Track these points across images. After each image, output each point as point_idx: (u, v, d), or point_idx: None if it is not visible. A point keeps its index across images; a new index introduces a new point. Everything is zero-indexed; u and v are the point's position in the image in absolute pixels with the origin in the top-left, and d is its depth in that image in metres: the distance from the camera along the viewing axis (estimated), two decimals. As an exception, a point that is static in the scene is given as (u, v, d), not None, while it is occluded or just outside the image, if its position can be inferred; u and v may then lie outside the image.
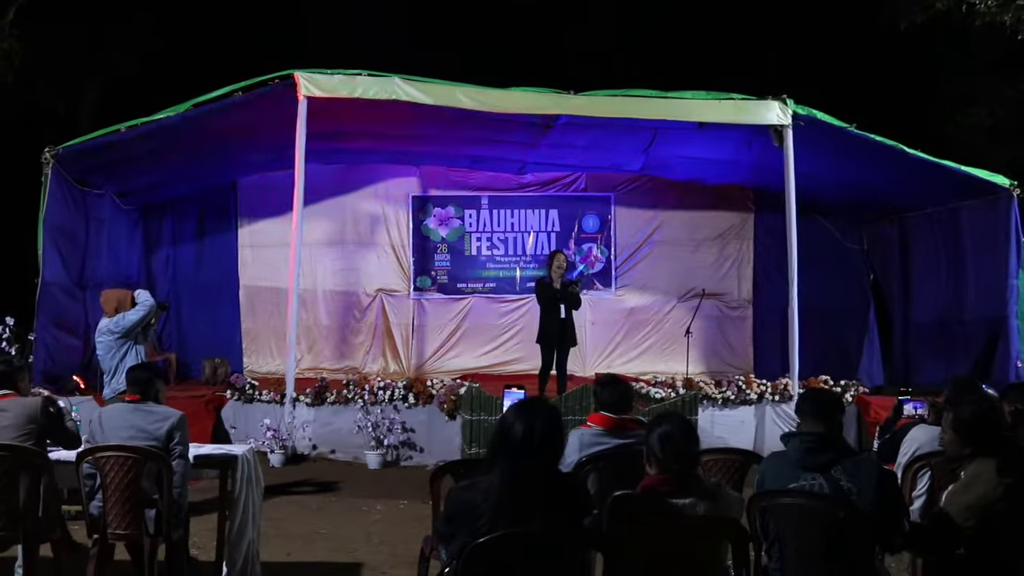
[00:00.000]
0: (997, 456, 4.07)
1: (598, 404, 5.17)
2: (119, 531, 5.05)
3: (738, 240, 13.81)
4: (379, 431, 9.88)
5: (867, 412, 10.63)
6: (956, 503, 4.10)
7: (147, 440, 5.09)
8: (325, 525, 7.45)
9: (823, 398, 4.27)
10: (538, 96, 10.23)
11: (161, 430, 5.15)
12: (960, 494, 4.12)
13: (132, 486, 4.98)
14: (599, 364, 12.94)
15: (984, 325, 11.05)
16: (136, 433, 5.11)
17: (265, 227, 13.08)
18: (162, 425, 5.16)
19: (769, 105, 10.37)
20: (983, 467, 4.08)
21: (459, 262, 13.54)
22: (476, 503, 3.37)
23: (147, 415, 5.21)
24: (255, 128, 10.85)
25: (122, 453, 4.97)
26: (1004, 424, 4.31)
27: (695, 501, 3.60)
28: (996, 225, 10.85)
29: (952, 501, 4.14)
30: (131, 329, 7.93)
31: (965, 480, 4.16)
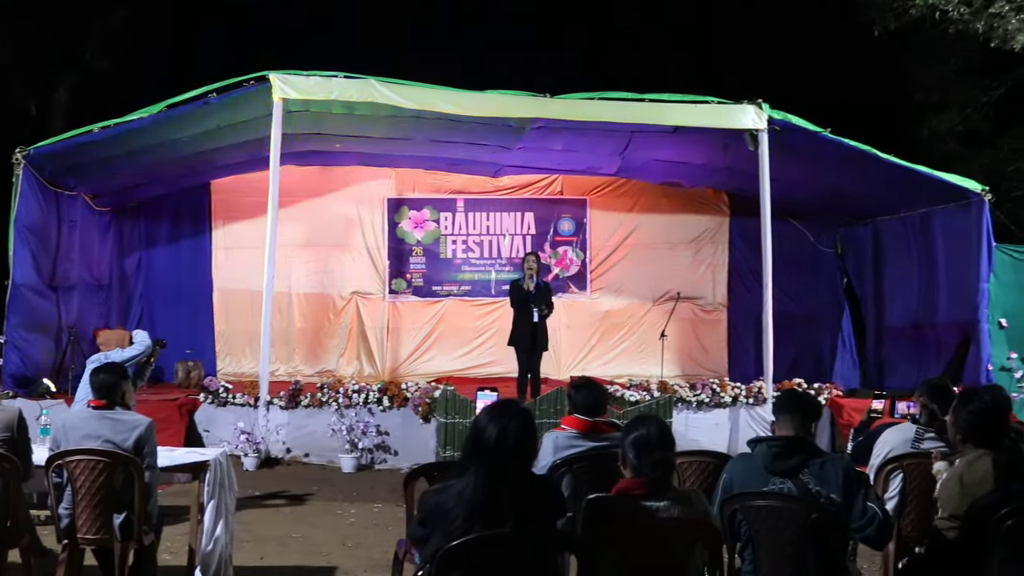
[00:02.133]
0: (993, 450, 4.16)
1: (572, 407, 5.17)
2: (88, 536, 4.99)
3: (713, 243, 13.85)
4: (353, 434, 9.85)
5: (840, 415, 10.69)
6: (950, 491, 4.19)
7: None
8: (299, 529, 7.40)
9: (802, 400, 4.28)
10: (514, 99, 10.23)
11: (129, 441, 5.00)
12: (954, 482, 4.22)
13: (102, 491, 4.91)
14: (574, 367, 12.95)
15: (956, 329, 11.13)
16: (102, 444, 4.96)
17: (239, 229, 13.00)
18: (129, 436, 5.01)
19: (744, 109, 10.42)
20: (977, 458, 4.18)
21: (434, 265, 13.52)
22: (449, 506, 3.35)
23: (114, 424, 5.05)
24: (229, 129, 10.78)
25: (92, 457, 4.91)
26: (1007, 422, 4.38)
27: (669, 504, 3.59)
28: (968, 230, 10.93)
29: (946, 489, 4.23)
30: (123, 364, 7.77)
31: (957, 469, 4.22)
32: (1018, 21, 11.86)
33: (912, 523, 5.26)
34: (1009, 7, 11.91)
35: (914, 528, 5.26)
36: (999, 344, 10.60)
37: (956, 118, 15.78)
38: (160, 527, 5.40)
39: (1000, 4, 11.88)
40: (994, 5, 11.91)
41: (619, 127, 10.79)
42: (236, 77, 9.76)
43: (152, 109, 9.80)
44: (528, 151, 11.91)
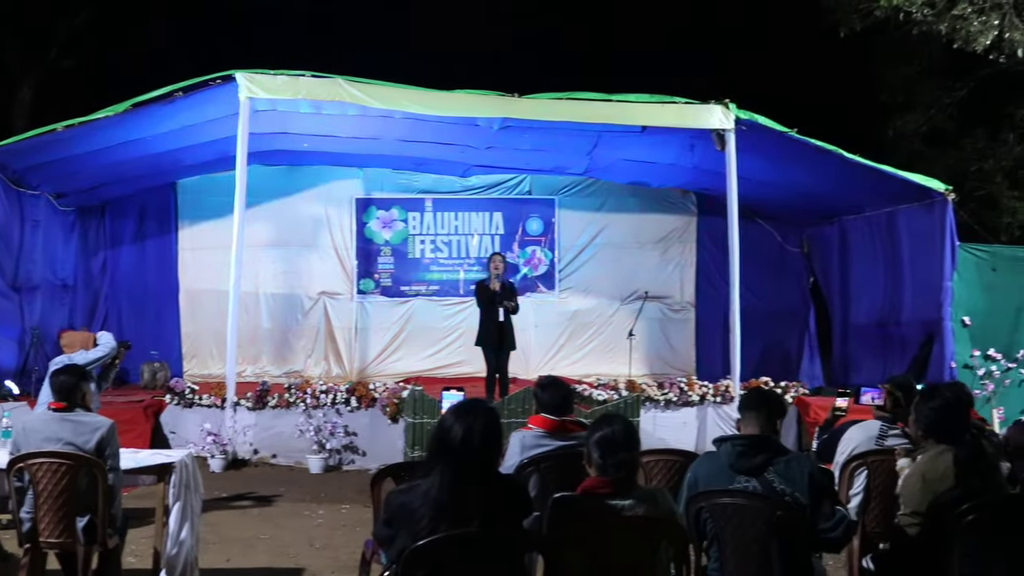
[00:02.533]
0: (954, 446, 4.21)
1: (539, 406, 5.18)
2: (51, 540, 4.93)
3: (681, 243, 13.91)
4: (321, 435, 9.82)
5: (807, 413, 10.75)
6: (912, 487, 4.25)
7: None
8: (266, 530, 7.37)
9: (767, 399, 4.31)
10: (482, 99, 10.22)
11: (90, 443, 4.94)
12: (916, 478, 4.28)
13: (64, 494, 4.86)
14: (543, 366, 12.94)
15: (920, 327, 11.23)
16: (63, 447, 4.89)
17: (206, 229, 12.90)
18: (91, 438, 4.95)
19: (711, 109, 10.46)
20: (939, 454, 4.23)
21: (402, 265, 13.49)
22: (415, 506, 3.34)
23: (75, 426, 4.99)
24: (196, 129, 10.71)
25: (54, 460, 4.85)
26: (968, 418, 4.43)
27: (634, 503, 3.61)
28: (932, 229, 11.01)
29: (908, 485, 4.28)
30: (85, 366, 7.68)
31: (919, 466, 4.27)
32: (980, 23, 11.99)
33: (876, 519, 5.32)
34: (971, 9, 12.03)
35: (878, 524, 5.31)
36: (962, 342, 10.69)
37: (921, 118, 15.93)
38: (125, 530, 5.36)
39: (963, 6, 12.01)
40: (957, 7, 12.04)
41: (587, 127, 10.82)
42: (202, 76, 9.70)
43: (117, 108, 9.69)
44: (496, 151, 11.91)
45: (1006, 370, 10.49)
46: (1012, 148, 15.16)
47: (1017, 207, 15.43)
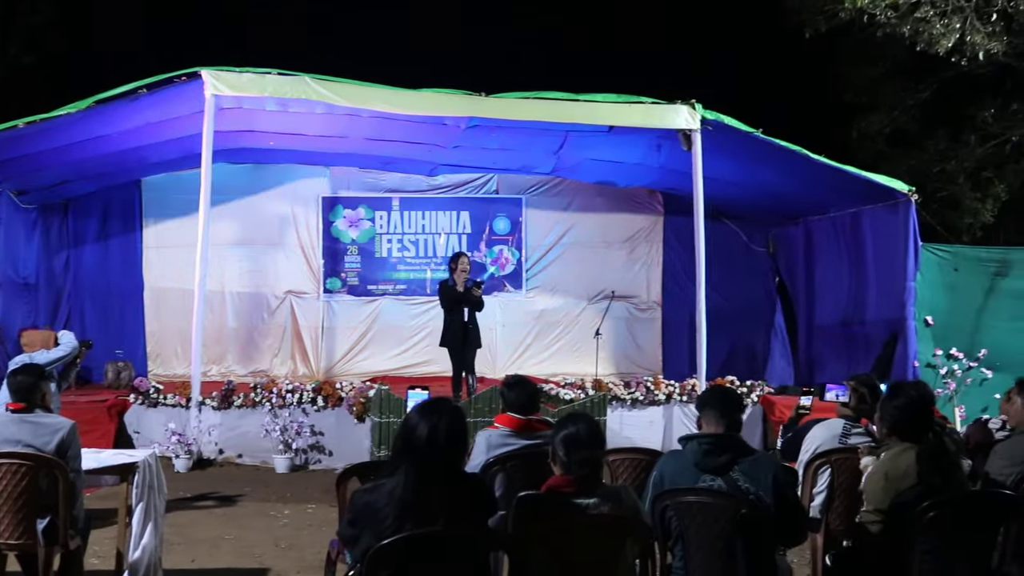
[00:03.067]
0: (918, 444, 4.26)
1: (505, 405, 5.19)
2: (11, 541, 4.87)
3: (647, 243, 13.95)
4: (287, 435, 9.77)
5: (772, 411, 10.84)
6: (875, 484, 4.31)
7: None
8: (231, 530, 7.32)
9: (726, 396, 4.32)
10: (449, 98, 10.21)
11: (51, 445, 4.86)
12: (879, 476, 4.32)
13: (24, 495, 4.79)
14: (509, 366, 12.93)
15: (884, 326, 11.34)
16: (23, 449, 4.81)
17: (171, 227, 12.78)
18: (51, 439, 4.87)
19: (678, 109, 10.50)
20: (902, 452, 4.28)
21: (369, 264, 13.44)
22: (380, 505, 3.34)
23: (35, 427, 4.90)
24: (161, 126, 10.62)
25: (13, 461, 4.79)
26: (931, 417, 4.48)
27: (599, 501, 3.62)
28: (896, 229, 11.13)
29: (871, 482, 4.35)
30: (46, 366, 7.59)
31: (882, 464, 4.31)
32: (942, 26, 12.13)
33: (840, 517, 5.37)
34: (933, 12, 12.17)
35: (842, 522, 5.36)
36: (925, 341, 10.81)
37: (884, 119, 16.08)
38: (87, 531, 5.31)
39: (925, 9, 12.14)
40: (919, 10, 12.17)
41: (554, 126, 10.83)
42: (167, 73, 9.62)
43: (80, 104, 9.56)
44: (463, 150, 11.89)
45: (967, 369, 10.61)
46: (974, 150, 15.35)
47: (978, 208, 15.63)
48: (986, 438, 5.74)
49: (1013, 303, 10.83)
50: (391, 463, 3.48)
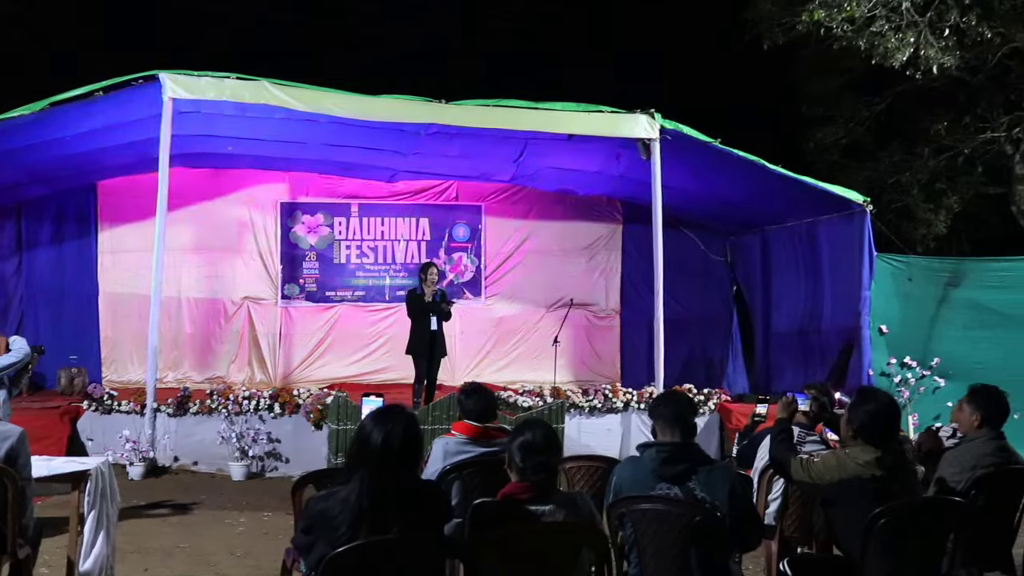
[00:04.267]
0: (881, 450, 4.30)
1: (463, 413, 5.19)
2: (-43, 550, 4.79)
3: (606, 251, 14.03)
4: (244, 442, 9.70)
5: (729, 419, 10.91)
6: (828, 465, 4.39)
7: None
8: (186, 539, 7.24)
9: (680, 402, 4.30)
10: (410, 104, 10.21)
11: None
12: (835, 456, 4.44)
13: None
14: (468, 373, 12.96)
15: (839, 334, 11.46)
16: None
17: (127, 232, 12.66)
18: (0, 447, 4.79)
19: (637, 118, 10.58)
20: (863, 451, 4.33)
21: (328, 270, 13.39)
22: (334, 513, 3.32)
23: None
24: (118, 129, 10.51)
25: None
26: (898, 426, 4.54)
27: (554, 508, 3.63)
28: (851, 239, 11.25)
29: (826, 461, 4.43)
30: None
31: (845, 456, 4.37)
32: (897, 40, 12.29)
33: (794, 524, 5.41)
34: (888, 26, 12.33)
35: (796, 529, 5.41)
36: (879, 350, 10.93)
37: (841, 131, 16.25)
38: (37, 540, 5.21)
39: (880, 23, 12.30)
40: (875, 24, 12.33)
41: (514, 134, 10.87)
42: (124, 76, 9.52)
43: (34, 106, 9.43)
44: (423, 156, 11.88)
45: (921, 377, 10.72)
46: (927, 162, 15.57)
47: (932, 219, 15.86)
48: (936, 445, 5.82)
49: (965, 312, 10.97)
50: (345, 470, 3.46)
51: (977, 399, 5.20)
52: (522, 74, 18.03)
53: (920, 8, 12.50)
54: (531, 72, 18.09)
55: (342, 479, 3.43)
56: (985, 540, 4.84)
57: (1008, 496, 5.05)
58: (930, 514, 4.37)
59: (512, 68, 18.73)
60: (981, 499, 4.79)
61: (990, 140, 14.97)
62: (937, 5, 12.57)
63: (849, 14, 12.17)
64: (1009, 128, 14.70)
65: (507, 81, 14.55)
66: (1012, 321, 10.75)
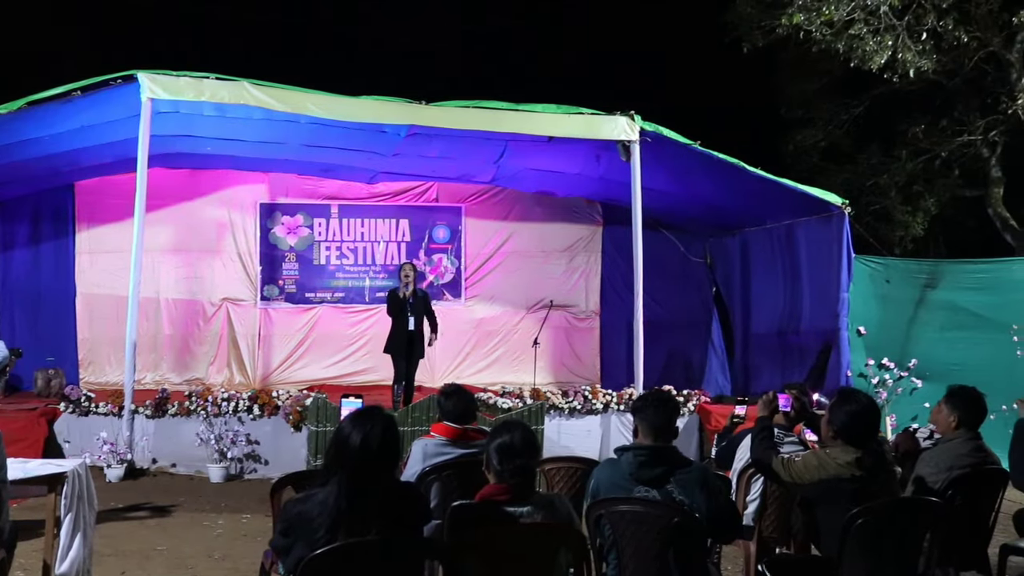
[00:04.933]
0: (862, 451, 4.34)
1: (442, 414, 5.19)
2: (-68, 553, 4.75)
3: (586, 252, 14.05)
4: (222, 443, 9.65)
5: (709, 421, 10.93)
6: (809, 465, 4.43)
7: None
8: (164, 541, 7.20)
9: (660, 404, 4.24)
10: (389, 105, 10.18)
11: None
12: (816, 456, 4.47)
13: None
14: (448, 374, 12.95)
15: (818, 336, 11.50)
16: None
17: (105, 232, 12.59)
18: None
19: (617, 120, 10.59)
20: (844, 452, 4.36)
21: (307, 271, 13.35)
22: (313, 515, 3.31)
23: None
24: (96, 129, 10.45)
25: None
26: (878, 427, 4.56)
27: (532, 510, 3.63)
28: (830, 241, 11.29)
29: (806, 461, 4.46)
30: None
31: (825, 456, 4.39)
32: (875, 43, 12.38)
33: (772, 524, 5.44)
34: (866, 30, 12.42)
35: (775, 529, 5.44)
36: (857, 351, 10.97)
37: (820, 133, 16.37)
38: (13, 543, 5.16)
39: (859, 27, 12.39)
40: (853, 27, 12.41)
41: (494, 136, 10.86)
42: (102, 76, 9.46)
43: (11, 106, 9.36)
44: (403, 158, 11.86)
45: (898, 378, 10.78)
46: (905, 164, 15.68)
47: (909, 221, 15.98)
48: (913, 446, 5.86)
49: (942, 314, 11.03)
50: (324, 472, 3.46)
51: (955, 400, 5.24)
52: (504, 74, 18.08)
53: (898, 12, 12.60)
54: (513, 73, 18.13)
55: (320, 480, 3.42)
56: (961, 540, 4.88)
57: (984, 496, 5.09)
58: (907, 514, 4.40)
59: (494, 68, 18.78)
60: (958, 499, 4.83)
61: (967, 143, 15.09)
62: (915, 9, 12.68)
63: (828, 17, 12.25)
64: (985, 131, 14.82)
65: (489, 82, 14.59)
66: (988, 323, 10.81)
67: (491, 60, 19.25)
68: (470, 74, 18.25)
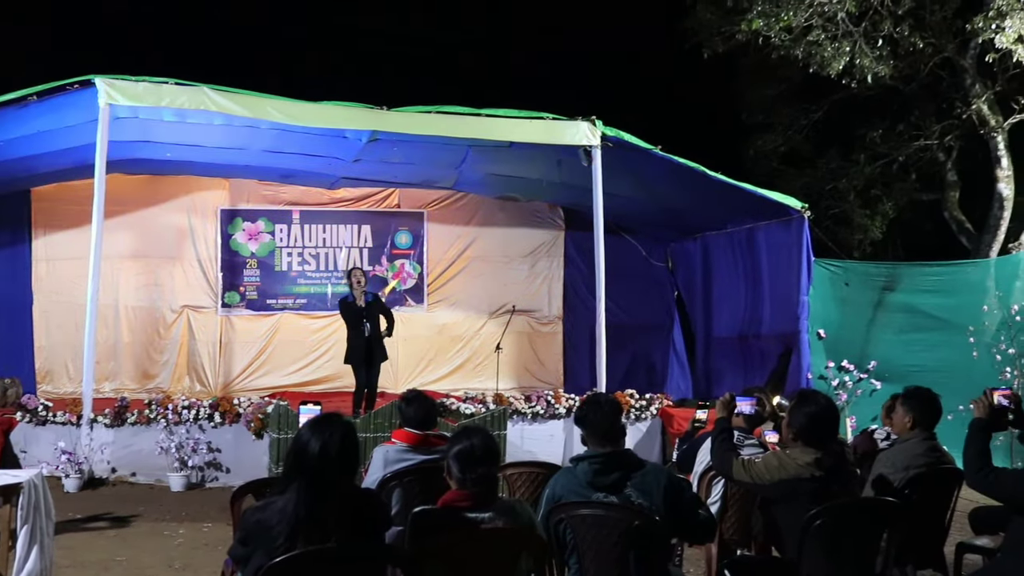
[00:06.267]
0: (822, 451, 4.38)
1: (403, 420, 5.18)
2: None
3: (549, 257, 14.08)
4: (183, 452, 9.56)
5: (671, 424, 10.98)
6: (769, 466, 4.46)
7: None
8: (123, 552, 7.13)
9: (601, 408, 4.22)
10: (351, 111, 10.16)
11: None
12: (776, 456, 4.51)
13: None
14: (411, 380, 12.92)
15: (778, 339, 11.60)
16: None
17: (62, 239, 12.42)
18: None
19: (578, 125, 10.63)
20: (803, 452, 4.41)
21: (269, 278, 13.26)
22: (272, 523, 3.29)
23: None
24: (52, 135, 10.33)
25: None
26: (837, 428, 4.61)
27: (494, 515, 3.63)
28: (790, 245, 11.40)
29: (767, 462, 4.49)
30: None
31: (786, 456, 4.43)
32: (833, 49, 12.51)
33: (733, 527, 5.47)
34: (824, 36, 12.55)
35: (736, 532, 5.47)
36: (817, 354, 11.07)
37: (780, 138, 16.48)
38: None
39: (817, 33, 12.51)
40: (811, 34, 12.53)
41: (456, 141, 10.86)
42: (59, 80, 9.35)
43: (-36, 110, 9.27)
44: (365, 163, 11.83)
45: (858, 380, 10.88)
46: (863, 168, 15.83)
47: (868, 225, 16.16)
48: (871, 447, 5.94)
49: (901, 316, 11.17)
50: (283, 480, 3.44)
51: (911, 401, 5.31)
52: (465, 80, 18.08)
53: (855, 19, 12.74)
54: (472, 77, 18.14)
55: (279, 488, 3.40)
56: (918, 539, 4.94)
57: (939, 496, 5.17)
58: (865, 514, 4.45)
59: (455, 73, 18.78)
60: (915, 499, 4.89)
61: (923, 147, 15.27)
62: (871, 16, 12.82)
63: (787, 23, 12.36)
64: (941, 136, 15.02)
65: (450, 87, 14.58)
66: (945, 325, 10.96)
67: (452, 65, 19.25)
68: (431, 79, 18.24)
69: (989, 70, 13.14)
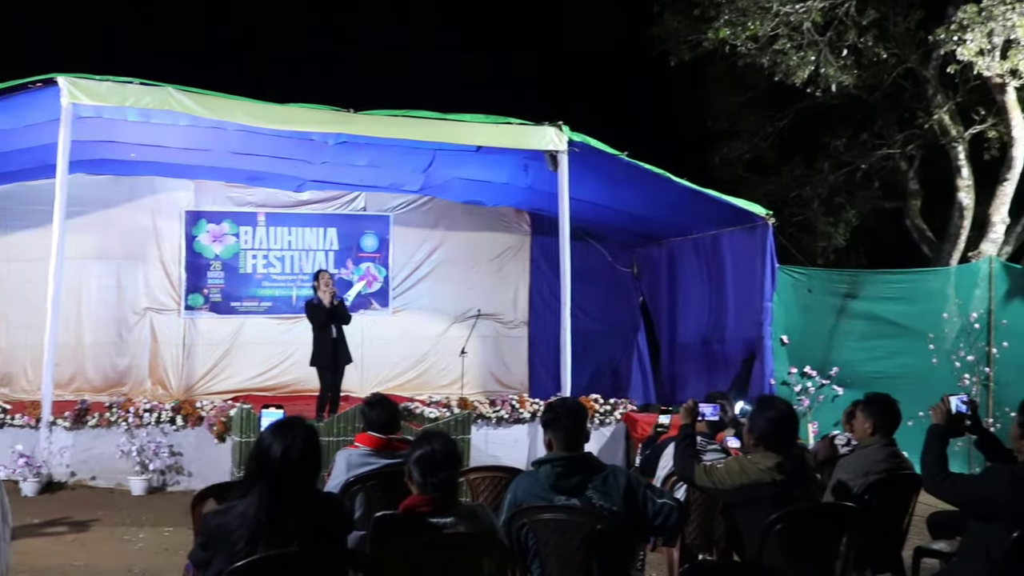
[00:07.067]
0: (783, 456, 4.44)
1: (366, 424, 5.18)
2: None
3: (515, 262, 14.09)
4: (144, 455, 9.48)
5: (635, 429, 11.03)
6: (731, 470, 4.52)
7: None
8: (82, 557, 7.06)
9: (568, 413, 4.26)
10: (317, 113, 10.12)
11: None
12: (738, 461, 4.57)
13: None
14: (376, 384, 12.82)
15: (742, 345, 11.68)
16: None
17: (22, 240, 12.22)
18: None
19: (545, 131, 10.65)
20: (764, 457, 4.47)
21: (233, 280, 13.15)
22: (232, 528, 3.27)
23: None
24: (12, 134, 10.21)
25: None
26: (797, 432, 4.65)
27: (455, 520, 3.63)
28: (754, 251, 11.48)
29: (728, 467, 4.55)
30: None
31: (747, 461, 4.47)
32: (798, 58, 12.63)
33: (695, 531, 5.50)
34: (790, 45, 12.67)
35: (698, 536, 5.50)
36: (780, 359, 11.15)
37: (745, 146, 16.62)
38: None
39: (783, 42, 12.63)
40: (777, 43, 12.65)
41: (422, 145, 10.85)
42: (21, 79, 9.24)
43: (-79, 108, 9.14)
44: (331, 166, 11.78)
45: (820, 386, 10.97)
46: (827, 176, 15.99)
47: (831, 232, 16.31)
48: (832, 453, 5.99)
49: (862, 323, 11.27)
50: (244, 484, 3.42)
51: (871, 408, 5.38)
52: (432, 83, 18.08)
53: (820, 28, 12.88)
54: (440, 81, 18.14)
55: (240, 492, 3.39)
56: (877, 543, 5.00)
57: (898, 501, 5.23)
58: (825, 518, 4.51)
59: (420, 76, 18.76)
60: (874, 503, 4.95)
61: (886, 156, 15.45)
62: (836, 26, 12.97)
63: (753, 32, 12.47)
64: (904, 145, 15.20)
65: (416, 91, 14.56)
66: (906, 331, 11.08)
67: (418, 68, 19.24)
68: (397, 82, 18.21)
69: (951, 81, 13.30)
